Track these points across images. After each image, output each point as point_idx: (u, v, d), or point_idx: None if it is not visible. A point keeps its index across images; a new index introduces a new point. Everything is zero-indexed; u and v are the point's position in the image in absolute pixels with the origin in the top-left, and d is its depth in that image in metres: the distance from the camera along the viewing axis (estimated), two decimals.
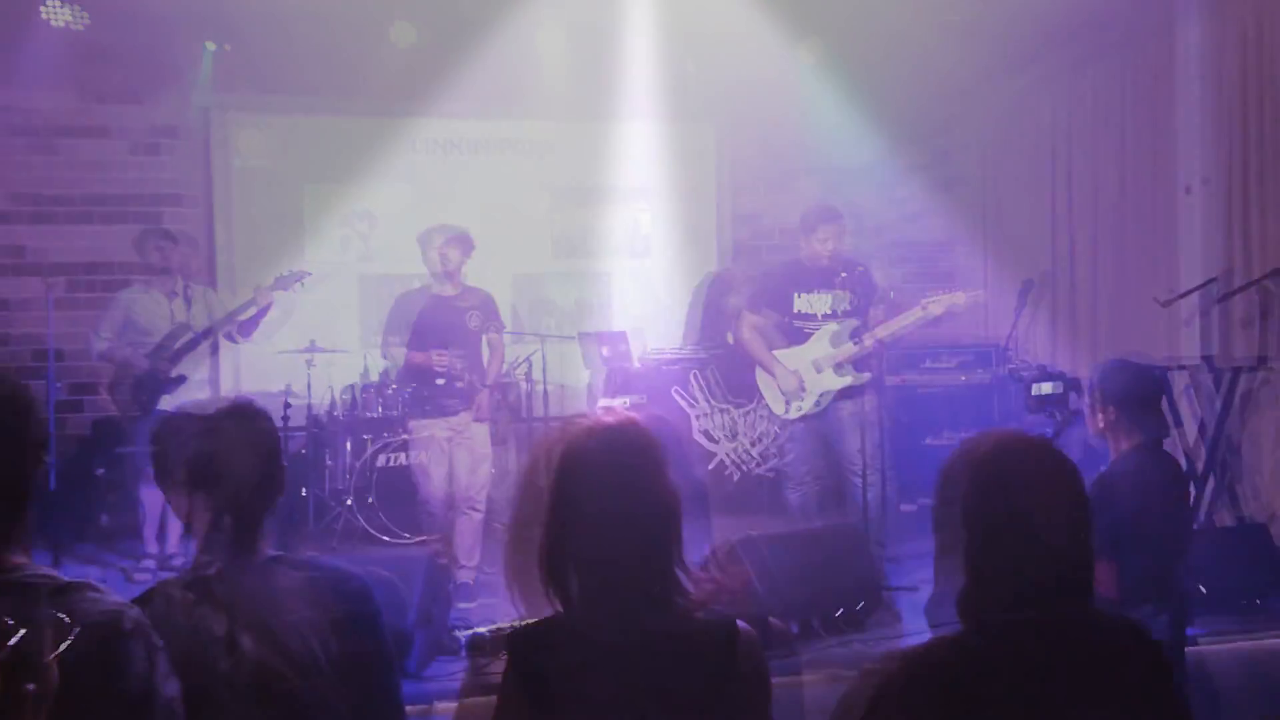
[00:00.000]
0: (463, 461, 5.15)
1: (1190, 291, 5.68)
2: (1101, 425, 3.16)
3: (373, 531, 5.88)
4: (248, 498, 1.86)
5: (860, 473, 5.08)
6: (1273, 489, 5.32)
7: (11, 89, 6.62)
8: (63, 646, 1.35)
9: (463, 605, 4.91)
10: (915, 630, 4.36)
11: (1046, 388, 3.92)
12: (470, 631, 3.97)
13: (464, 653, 3.87)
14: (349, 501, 5.98)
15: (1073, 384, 4.07)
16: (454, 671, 3.76)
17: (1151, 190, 6.24)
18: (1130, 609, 2.97)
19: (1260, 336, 5.29)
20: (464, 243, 5.23)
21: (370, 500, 5.96)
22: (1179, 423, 5.38)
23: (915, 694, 1.50)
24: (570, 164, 7.79)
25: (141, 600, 1.82)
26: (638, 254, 8.00)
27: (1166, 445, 3.41)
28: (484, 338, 5.34)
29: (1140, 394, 3.14)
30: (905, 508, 6.42)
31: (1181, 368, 5.51)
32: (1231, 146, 5.58)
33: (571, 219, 7.90)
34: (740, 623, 1.69)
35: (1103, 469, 3.19)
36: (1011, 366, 4.16)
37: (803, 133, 8.01)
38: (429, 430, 5.18)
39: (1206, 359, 5.50)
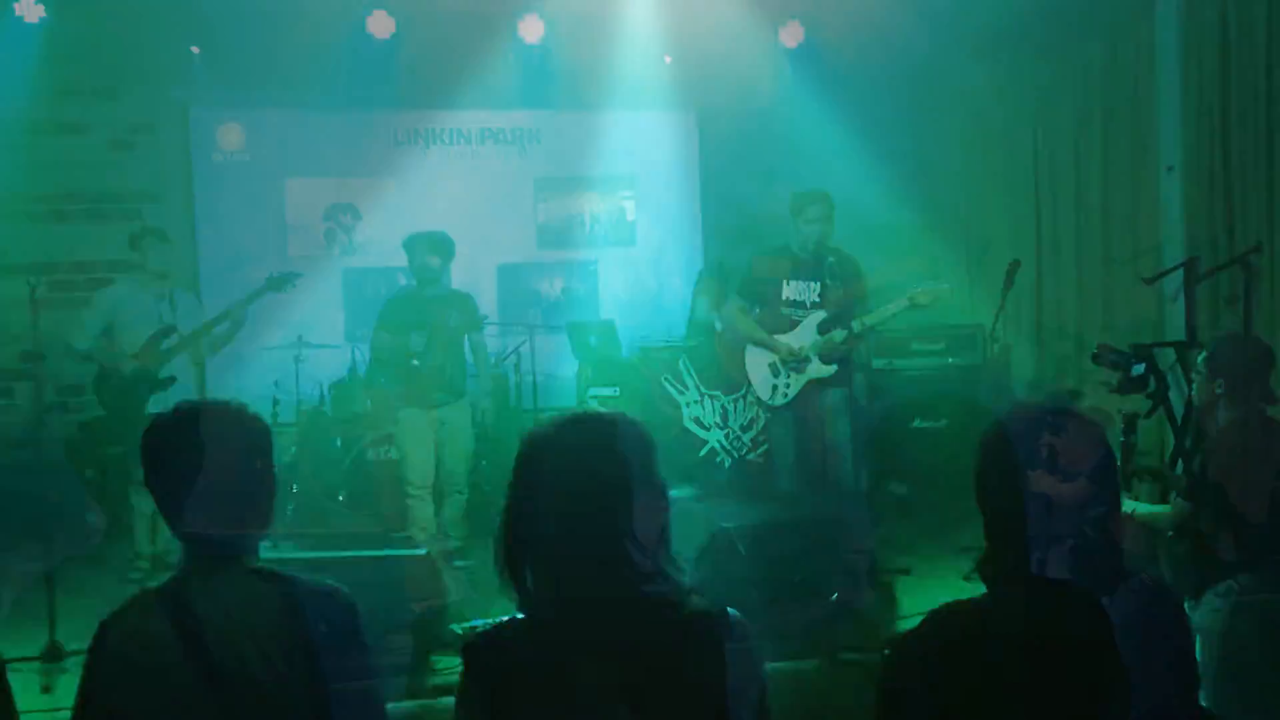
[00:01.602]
0: (447, 449, 5.49)
1: (1172, 269, 5.71)
2: (1214, 395, 3.29)
3: (364, 526, 5.86)
4: (226, 508, 1.83)
5: (849, 457, 5.11)
6: None
7: None
8: None
9: (458, 563, 5.29)
10: (909, 611, 4.41)
11: (1141, 368, 4.04)
12: (467, 625, 3.97)
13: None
14: (340, 497, 5.97)
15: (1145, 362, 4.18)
16: (452, 667, 3.76)
17: (1133, 170, 6.28)
18: (1252, 570, 3.09)
19: (1245, 314, 5.33)
20: (445, 249, 5.58)
21: (360, 495, 5.95)
22: (1167, 401, 5.42)
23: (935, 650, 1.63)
24: (554, 154, 7.78)
25: (127, 607, 1.83)
26: (623, 242, 7.99)
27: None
28: (466, 339, 5.62)
29: (1252, 365, 3.27)
30: (895, 489, 6.47)
31: (1168, 345, 5.54)
32: (1212, 125, 5.62)
33: (556, 209, 7.89)
34: (731, 610, 1.66)
35: (1213, 438, 3.30)
36: (1096, 354, 4.31)
37: (784, 119, 8.01)
38: (411, 418, 5.47)
39: (1191, 336, 5.53)
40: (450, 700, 3.36)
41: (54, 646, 3.97)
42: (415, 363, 5.35)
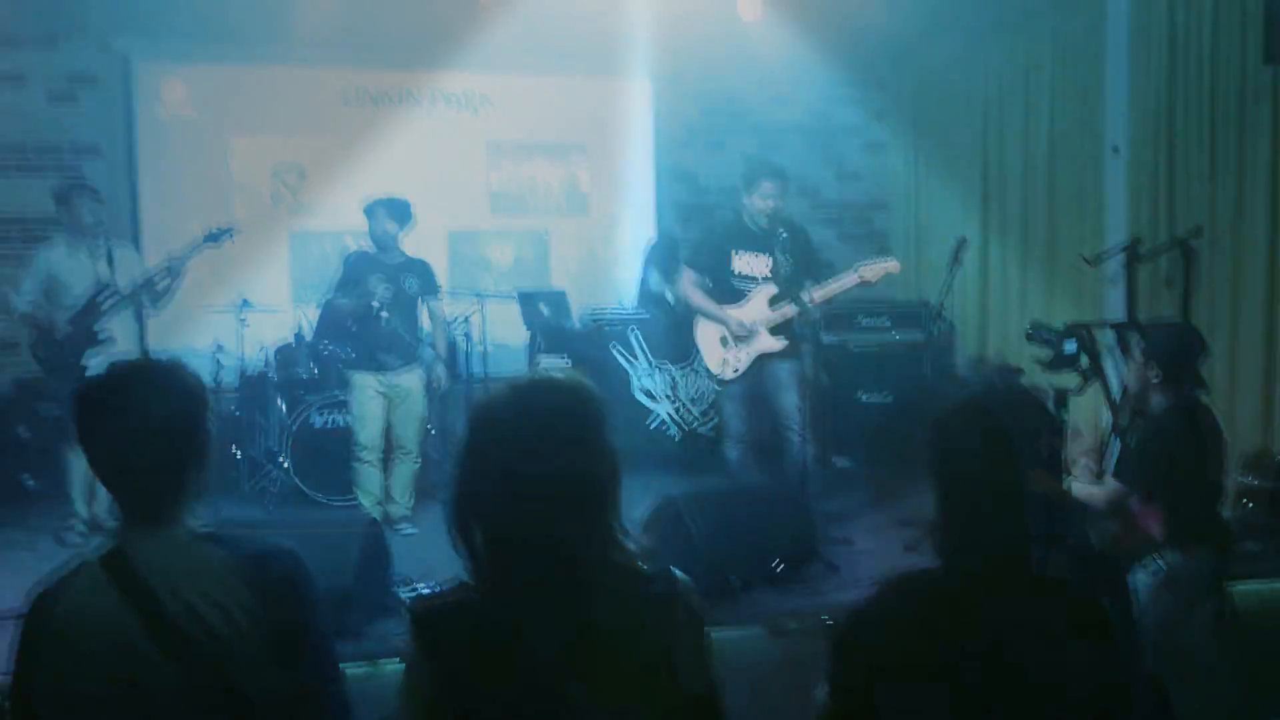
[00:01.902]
0: (398, 415, 5.53)
1: (1115, 251, 5.83)
2: (1149, 381, 3.38)
3: (308, 491, 5.81)
4: (163, 469, 1.77)
5: (797, 430, 5.16)
6: None
7: None
8: None
9: (405, 529, 5.39)
10: (852, 581, 4.48)
11: (1073, 346, 4.13)
12: (412, 590, 3.97)
13: (406, 614, 3.87)
14: (284, 462, 5.90)
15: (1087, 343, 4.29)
16: (398, 631, 3.76)
17: (1079, 151, 6.38)
18: (1175, 548, 3.19)
19: (1184, 296, 5.46)
20: (404, 216, 5.56)
21: (304, 460, 5.87)
22: (1104, 379, 5.55)
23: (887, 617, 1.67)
24: (507, 119, 7.70)
25: (67, 578, 1.78)
26: (576, 211, 7.96)
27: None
28: (423, 305, 5.66)
29: (1186, 353, 3.37)
30: (839, 463, 6.55)
31: (1107, 324, 5.66)
32: (1159, 108, 5.72)
33: (508, 175, 7.82)
34: (676, 570, 1.69)
35: (1146, 421, 3.40)
36: (1030, 331, 4.39)
37: (740, 91, 8.02)
38: (365, 382, 5.49)
39: (1131, 317, 5.65)
40: (395, 664, 3.35)
41: None
42: (384, 314, 5.38)
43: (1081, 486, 3.57)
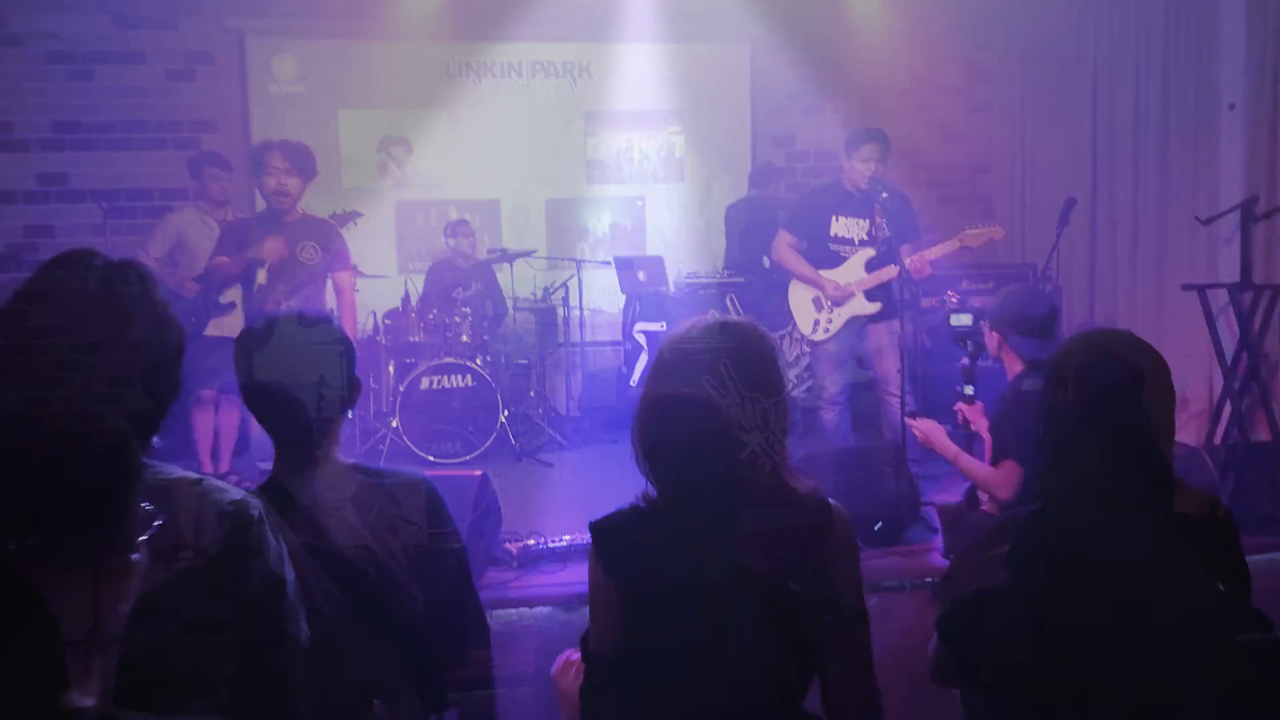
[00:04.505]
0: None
1: (1230, 210, 5.64)
2: (995, 348, 3.36)
3: (417, 451, 6.01)
4: (319, 410, 1.93)
5: (896, 392, 5.14)
6: None
7: (48, 16, 6.65)
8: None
9: None
10: None
11: (965, 319, 4.03)
12: (521, 544, 4.11)
13: (516, 564, 4.02)
14: (394, 423, 6.11)
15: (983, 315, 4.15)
16: (505, 581, 3.91)
17: (1194, 108, 6.16)
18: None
19: None
20: (305, 167, 4.70)
21: (413, 422, 6.08)
22: (1218, 341, 5.40)
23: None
24: (604, 87, 7.76)
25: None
26: (672, 178, 8.00)
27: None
28: (330, 277, 4.85)
29: (1030, 318, 3.31)
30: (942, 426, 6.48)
31: (1220, 286, 5.50)
32: (1276, 62, 5.50)
33: (605, 143, 7.89)
34: (831, 499, 1.82)
35: (1002, 388, 3.37)
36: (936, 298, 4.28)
37: (837, 54, 7.92)
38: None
39: (1246, 277, 5.48)
40: (502, 613, 3.49)
41: None
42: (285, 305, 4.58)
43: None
